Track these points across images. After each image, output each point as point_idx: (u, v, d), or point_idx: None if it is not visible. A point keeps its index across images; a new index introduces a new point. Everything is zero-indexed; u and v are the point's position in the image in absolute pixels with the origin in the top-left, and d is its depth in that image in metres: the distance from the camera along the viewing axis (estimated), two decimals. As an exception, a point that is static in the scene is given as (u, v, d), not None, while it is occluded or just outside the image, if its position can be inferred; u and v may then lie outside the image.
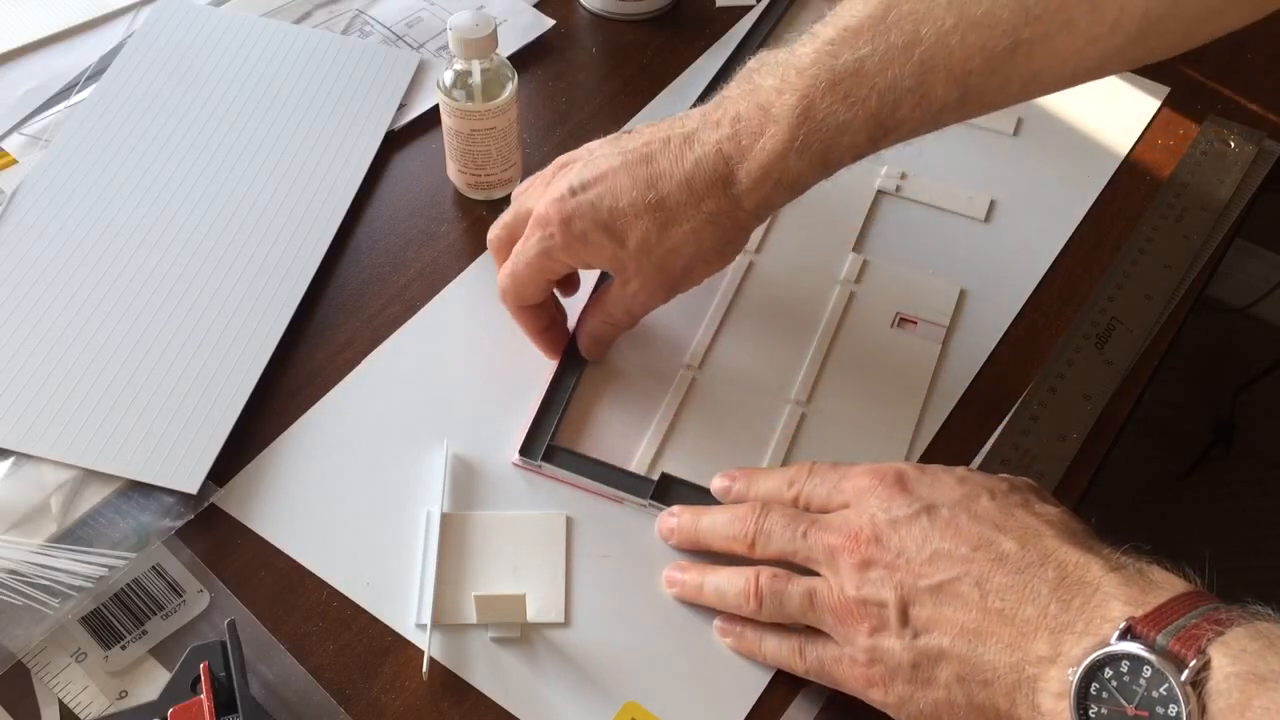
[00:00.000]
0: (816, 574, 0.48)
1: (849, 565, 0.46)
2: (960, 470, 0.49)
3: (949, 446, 0.59)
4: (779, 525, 0.50)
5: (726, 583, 0.51)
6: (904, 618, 0.45)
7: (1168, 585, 0.41)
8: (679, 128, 0.54)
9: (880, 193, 0.72)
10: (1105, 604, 0.41)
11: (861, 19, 0.49)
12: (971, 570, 0.44)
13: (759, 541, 0.50)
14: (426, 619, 0.51)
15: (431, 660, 0.50)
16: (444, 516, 0.54)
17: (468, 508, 0.55)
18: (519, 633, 0.51)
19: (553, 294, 0.60)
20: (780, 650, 0.49)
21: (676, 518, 0.54)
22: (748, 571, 0.50)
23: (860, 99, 0.49)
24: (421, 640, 0.50)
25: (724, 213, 0.53)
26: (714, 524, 0.52)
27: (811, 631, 0.49)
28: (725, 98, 0.53)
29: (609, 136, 0.57)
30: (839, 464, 0.51)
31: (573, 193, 0.54)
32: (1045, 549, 0.43)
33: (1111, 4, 0.47)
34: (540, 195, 0.56)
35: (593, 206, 0.53)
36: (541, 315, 0.60)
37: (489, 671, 0.50)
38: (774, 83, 0.51)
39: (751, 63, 0.53)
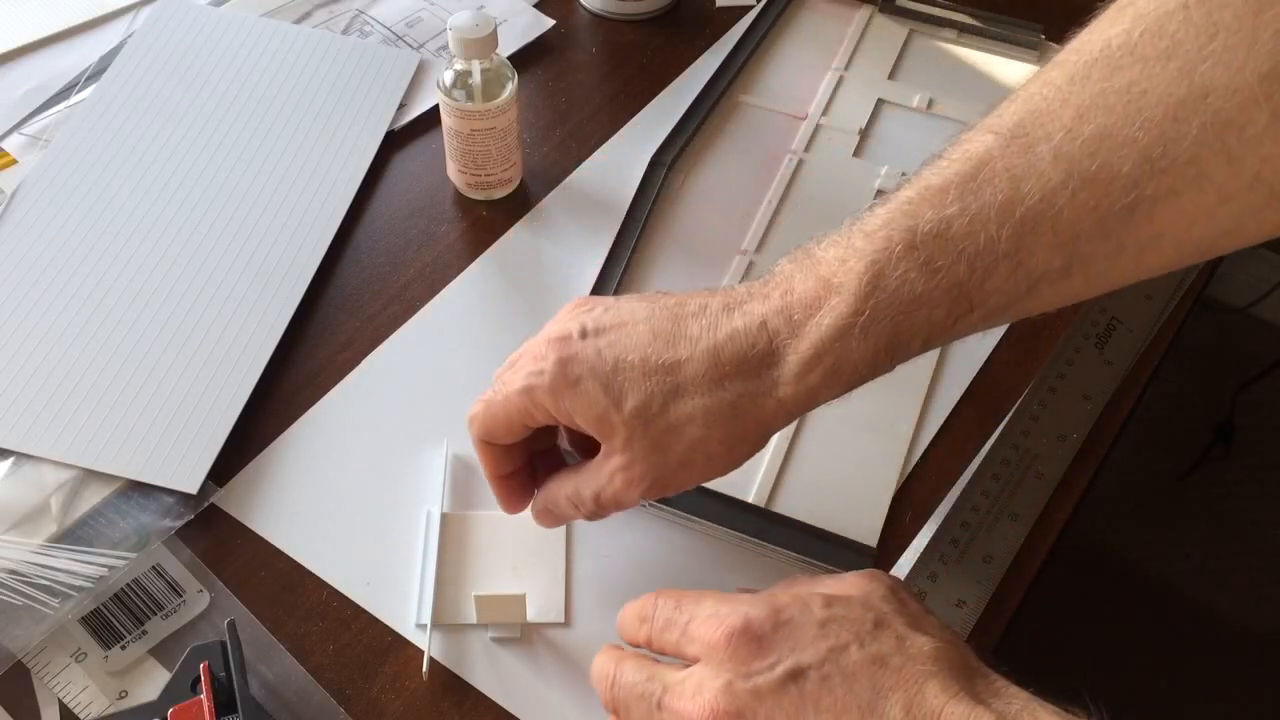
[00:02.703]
0: None
1: None
2: (816, 605, 0.41)
3: (949, 446, 0.59)
4: (632, 692, 0.42)
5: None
6: None
7: None
8: (722, 296, 0.46)
9: (880, 193, 0.72)
10: None
11: (947, 177, 0.42)
12: None
13: (618, 708, 0.43)
14: (426, 619, 0.51)
15: (431, 660, 0.50)
16: (444, 516, 0.54)
17: (468, 508, 0.55)
18: (519, 633, 0.51)
19: (526, 440, 0.50)
20: None
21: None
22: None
23: (945, 266, 0.41)
24: (421, 640, 0.50)
25: (750, 399, 0.43)
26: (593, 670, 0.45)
27: None
28: (777, 271, 0.45)
29: (645, 293, 0.49)
30: (684, 597, 0.44)
31: (582, 334, 0.46)
32: (930, 711, 0.37)
33: (1252, 155, 0.38)
34: (548, 331, 0.48)
35: (598, 354, 0.45)
36: (506, 460, 0.50)
37: (489, 671, 0.50)
38: (837, 252, 0.43)
39: (809, 242, 0.45)
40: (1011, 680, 0.39)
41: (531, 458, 0.51)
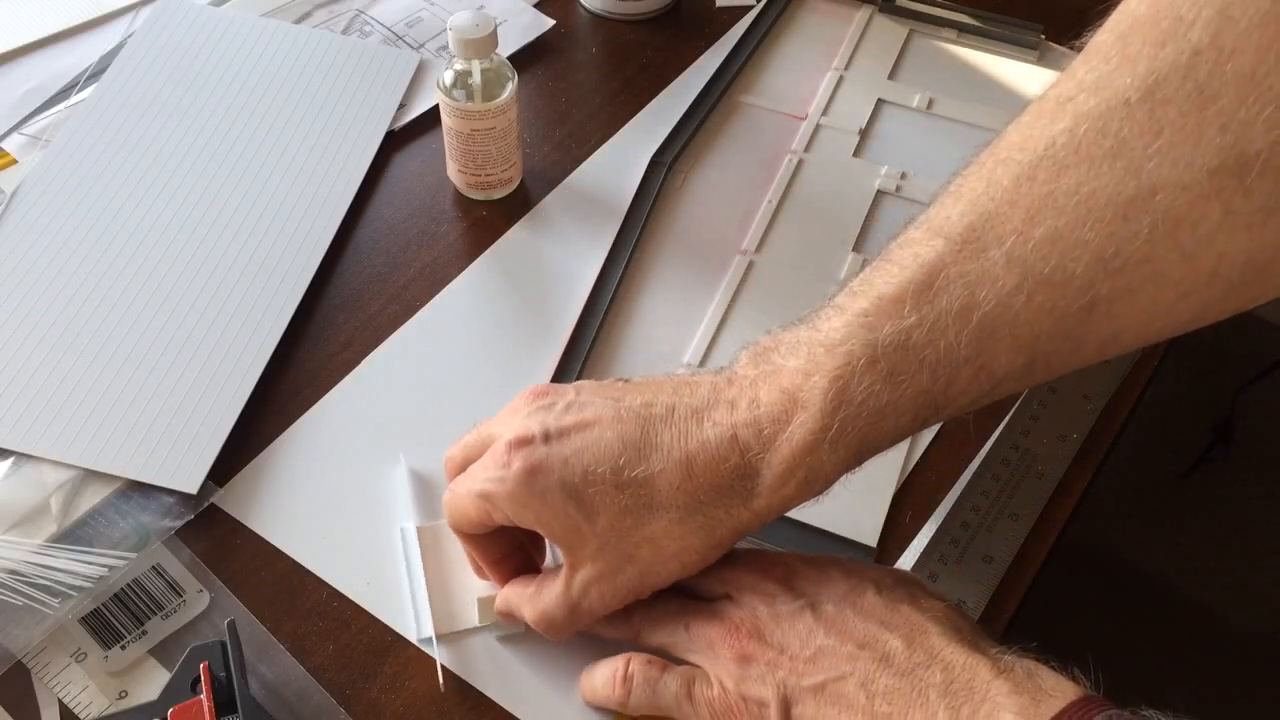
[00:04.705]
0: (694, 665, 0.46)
1: (728, 658, 0.44)
2: (846, 561, 0.46)
3: (949, 446, 0.59)
4: (663, 615, 0.46)
5: (598, 673, 0.47)
6: (785, 718, 0.42)
7: (1058, 693, 0.39)
8: (686, 396, 0.45)
9: (880, 193, 0.72)
10: (995, 715, 0.38)
11: (900, 285, 0.41)
12: (857, 669, 0.41)
13: (644, 629, 0.47)
14: (428, 633, 0.50)
15: (431, 659, 0.50)
16: (419, 530, 0.53)
17: (439, 517, 0.54)
18: (524, 628, 0.50)
19: (510, 530, 0.49)
20: None
21: None
22: (618, 659, 0.47)
23: (908, 376, 0.41)
24: (424, 650, 0.50)
25: (725, 511, 0.43)
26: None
27: None
28: (738, 376, 0.45)
29: (602, 381, 0.48)
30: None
31: (545, 437, 0.44)
32: (931, 648, 0.41)
33: (1207, 251, 0.37)
34: (508, 425, 0.47)
35: (565, 463, 0.44)
36: (491, 547, 0.49)
37: (489, 671, 0.50)
38: (798, 363, 0.43)
39: (764, 340, 0.45)
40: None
41: (523, 548, 0.50)
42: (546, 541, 0.51)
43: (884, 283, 0.42)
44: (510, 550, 0.50)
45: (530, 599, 0.47)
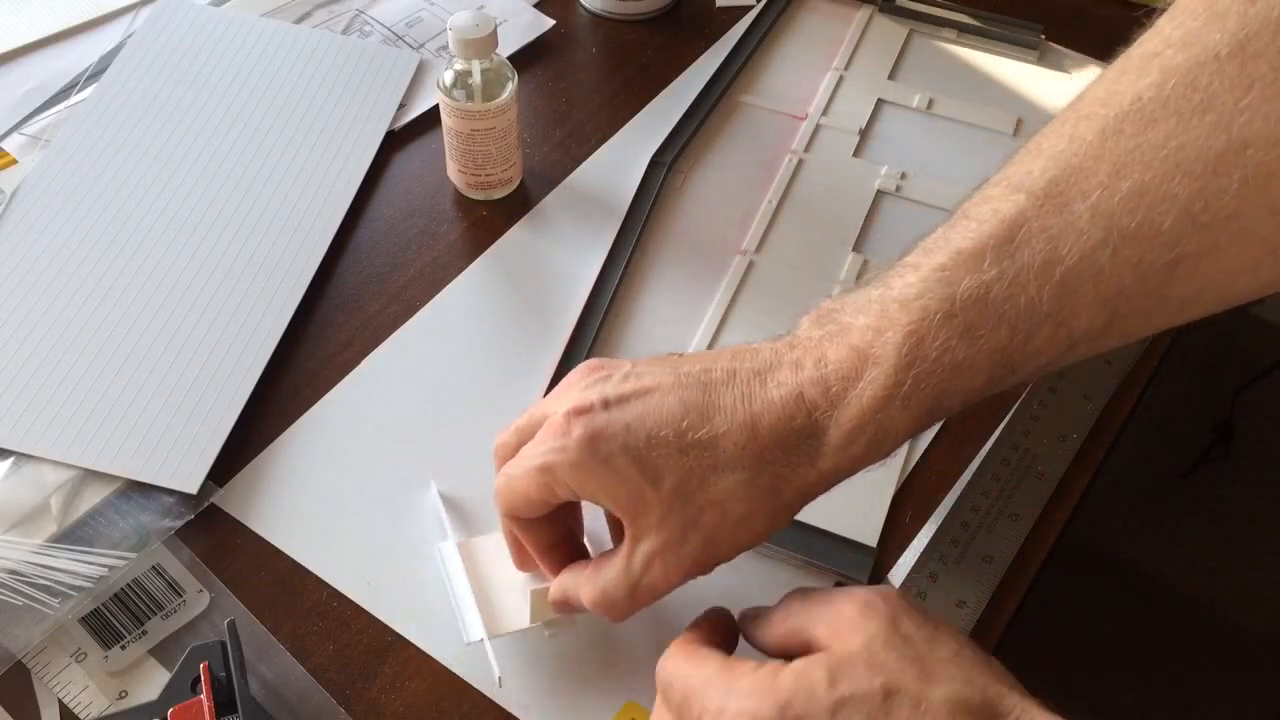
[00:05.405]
0: None
1: None
2: (821, 686, 0.37)
3: (949, 446, 0.59)
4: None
5: None
6: None
7: None
8: (747, 361, 0.43)
9: (880, 193, 0.72)
10: None
11: (979, 240, 0.40)
12: None
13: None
14: (478, 636, 0.49)
15: (433, 661, 0.50)
16: (460, 545, 0.52)
17: (476, 534, 0.53)
18: (574, 625, 0.49)
19: (563, 513, 0.47)
20: None
21: None
22: None
23: (986, 331, 0.40)
24: (435, 647, 0.50)
25: (792, 471, 0.42)
26: None
27: None
28: (800, 338, 0.43)
29: (655, 356, 0.46)
30: (689, 697, 0.40)
31: (605, 404, 0.43)
32: None
33: None
34: (563, 400, 0.45)
35: (627, 429, 0.42)
36: (543, 533, 0.47)
37: (489, 671, 0.50)
38: (869, 320, 0.41)
39: (826, 303, 0.44)
40: (1043, 699, 0.37)
41: (575, 534, 0.48)
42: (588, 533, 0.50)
43: (961, 238, 0.41)
44: (563, 536, 0.48)
45: (588, 579, 0.45)
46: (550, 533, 0.47)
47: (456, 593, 0.51)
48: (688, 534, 0.42)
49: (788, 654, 0.40)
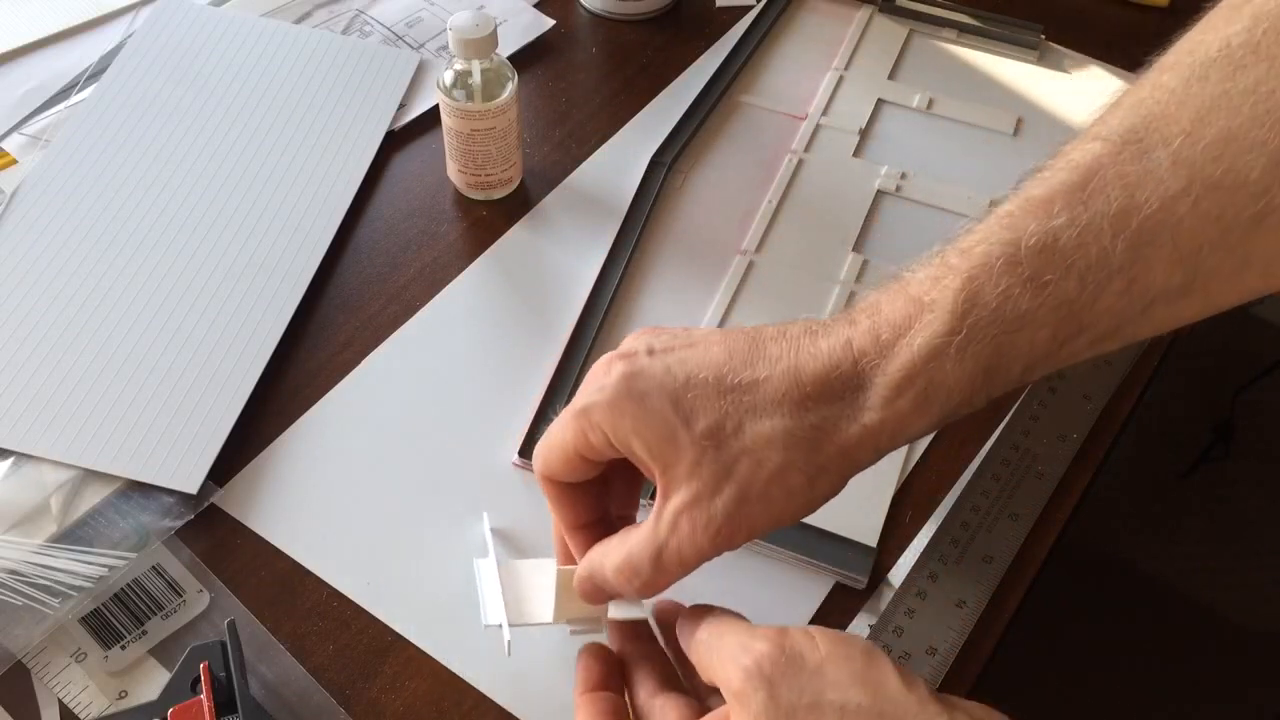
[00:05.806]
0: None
1: None
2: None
3: (949, 446, 0.59)
4: None
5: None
6: None
7: None
8: (804, 322, 0.42)
9: (880, 193, 0.72)
10: None
11: (1052, 187, 0.38)
12: None
13: None
14: (497, 619, 0.47)
15: (434, 660, 0.50)
16: (500, 567, 0.50)
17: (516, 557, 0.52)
18: (601, 628, 0.47)
19: (601, 488, 0.45)
20: None
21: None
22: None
23: (1053, 281, 0.37)
24: (435, 647, 0.50)
25: (834, 423, 0.39)
26: None
27: None
28: (865, 299, 0.41)
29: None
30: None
31: (649, 351, 0.42)
32: None
33: None
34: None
35: (667, 370, 0.41)
36: (576, 506, 0.45)
37: (489, 671, 0.50)
38: (928, 272, 0.39)
39: (899, 269, 0.42)
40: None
41: (609, 517, 0.46)
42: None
43: (1032, 186, 0.38)
44: (598, 516, 0.45)
45: (614, 548, 0.42)
46: (584, 508, 0.45)
47: (482, 583, 0.50)
48: (720, 485, 0.39)
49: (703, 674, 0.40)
